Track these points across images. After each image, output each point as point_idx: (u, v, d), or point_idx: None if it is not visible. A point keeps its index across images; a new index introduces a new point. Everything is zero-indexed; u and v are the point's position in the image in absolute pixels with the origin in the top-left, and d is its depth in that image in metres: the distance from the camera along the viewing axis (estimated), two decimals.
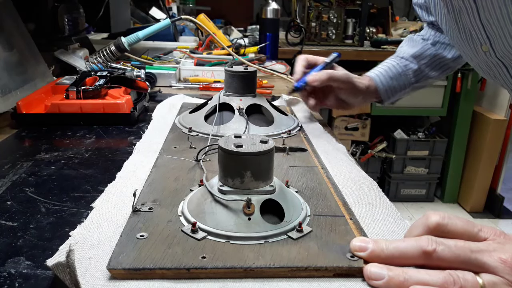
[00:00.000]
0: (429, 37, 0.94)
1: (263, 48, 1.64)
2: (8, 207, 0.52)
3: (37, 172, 0.62)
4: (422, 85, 0.96)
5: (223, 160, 0.44)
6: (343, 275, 0.39)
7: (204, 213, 0.44)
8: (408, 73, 0.93)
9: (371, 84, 0.91)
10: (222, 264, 0.38)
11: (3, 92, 0.88)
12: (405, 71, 0.92)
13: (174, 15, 2.24)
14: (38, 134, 0.79)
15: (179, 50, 1.47)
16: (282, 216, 0.44)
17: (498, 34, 0.65)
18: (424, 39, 0.95)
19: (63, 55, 1.21)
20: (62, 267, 0.37)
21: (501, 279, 0.35)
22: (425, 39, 0.95)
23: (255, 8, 3.89)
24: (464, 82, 2.46)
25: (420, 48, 0.94)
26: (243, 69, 0.79)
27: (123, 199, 0.50)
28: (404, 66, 0.93)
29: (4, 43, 0.95)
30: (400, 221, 0.49)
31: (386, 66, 0.93)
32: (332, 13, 2.29)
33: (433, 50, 0.94)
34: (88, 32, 1.73)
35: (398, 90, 0.93)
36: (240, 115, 0.75)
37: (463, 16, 0.69)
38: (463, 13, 0.69)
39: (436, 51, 0.94)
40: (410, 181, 2.70)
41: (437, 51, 0.94)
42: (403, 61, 0.93)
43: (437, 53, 0.93)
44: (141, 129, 0.81)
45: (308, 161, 0.65)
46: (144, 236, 0.42)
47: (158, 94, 1.09)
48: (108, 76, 0.92)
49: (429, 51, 0.93)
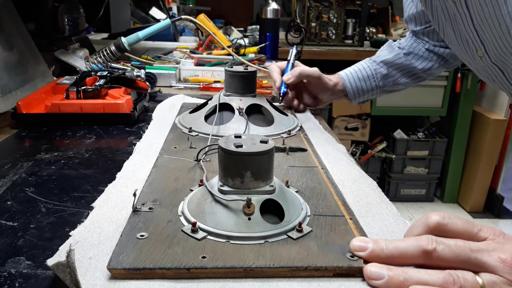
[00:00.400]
0: (405, 47, 0.99)
1: (263, 48, 1.65)
2: (9, 207, 0.52)
3: (37, 172, 0.62)
4: (391, 89, 1.01)
5: (223, 160, 0.45)
6: (343, 275, 0.39)
7: (204, 213, 0.44)
8: (377, 77, 0.98)
9: (340, 82, 0.97)
10: (222, 264, 0.38)
11: (3, 92, 0.88)
12: (374, 74, 0.98)
13: (174, 15, 2.24)
14: (38, 134, 0.79)
15: (179, 50, 1.47)
16: (282, 216, 0.44)
17: (491, 39, 0.67)
18: (400, 48, 1.00)
19: (63, 55, 1.21)
20: (62, 267, 0.38)
21: (500, 278, 0.35)
22: (400, 47, 1.00)
23: (255, 8, 3.89)
24: (464, 82, 2.46)
25: (393, 56, 0.99)
26: (243, 69, 0.79)
27: (123, 199, 0.50)
28: (374, 70, 0.98)
29: (4, 43, 0.95)
30: (400, 221, 0.49)
31: (357, 68, 0.99)
32: (332, 13, 2.29)
33: (404, 60, 0.98)
34: (88, 32, 1.73)
35: (366, 92, 0.99)
36: (240, 115, 0.75)
37: (458, 23, 0.71)
38: (457, 19, 0.70)
39: (407, 60, 0.98)
40: (410, 181, 2.70)
41: (409, 61, 0.98)
42: (374, 65, 0.99)
43: (408, 63, 0.98)
44: (141, 129, 0.81)
45: (308, 161, 0.65)
46: (144, 236, 0.42)
47: (158, 94, 1.09)
48: (108, 76, 0.92)
49: (400, 60, 0.98)
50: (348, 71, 0.99)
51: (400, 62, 0.98)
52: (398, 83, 0.99)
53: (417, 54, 0.98)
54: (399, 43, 1.01)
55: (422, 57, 0.98)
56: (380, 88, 0.99)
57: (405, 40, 1.01)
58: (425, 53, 0.98)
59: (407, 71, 0.99)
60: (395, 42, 1.02)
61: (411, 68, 0.98)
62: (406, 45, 0.99)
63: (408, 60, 0.98)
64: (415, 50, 0.98)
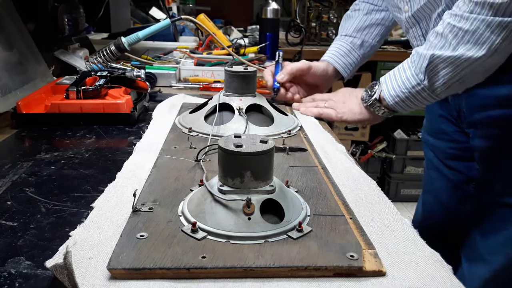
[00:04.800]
0: (363, 8, 1.05)
1: (263, 48, 1.64)
2: (8, 207, 0.52)
3: (37, 172, 0.62)
4: (370, 53, 1.07)
5: (223, 160, 0.45)
6: (343, 274, 0.39)
7: (204, 213, 0.44)
8: (355, 47, 1.04)
9: (328, 67, 1.03)
10: (222, 264, 0.38)
11: (3, 92, 0.88)
12: (352, 46, 1.04)
13: (174, 15, 2.24)
14: (38, 134, 0.79)
15: (179, 50, 1.47)
16: (282, 216, 0.44)
17: None
18: (357, 10, 1.06)
19: (63, 55, 1.21)
20: (60, 268, 0.37)
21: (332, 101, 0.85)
22: (357, 9, 1.06)
23: (255, 8, 3.89)
24: None
25: (357, 22, 1.05)
26: (243, 69, 0.79)
27: (123, 199, 0.50)
28: (350, 43, 1.04)
29: (4, 43, 0.95)
30: (400, 220, 0.49)
31: (335, 48, 1.05)
32: (332, 13, 2.29)
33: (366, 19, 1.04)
34: (88, 32, 1.73)
35: (353, 64, 1.05)
36: (240, 115, 0.75)
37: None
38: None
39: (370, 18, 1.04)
40: (410, 181, 2.70)
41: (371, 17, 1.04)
42: (347, 38, 1.05)
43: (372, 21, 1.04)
44: (141, 129, 0.81)
45: (308, 161, 0.65)
46: (144, 236, 0.42)
47: (158, 94, 1.09)
48: (108, 76, 0.92)
49: (366, 23, 1.04)
50: (330, 53, 1.05)
51: (367, 24, 1.03)
52: (373, 44, 1.05)
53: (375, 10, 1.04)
54: (353, 9, 1.06)
55: (380, 10, 1.03)
56: (361, 56, 1.05)
57: (358, 3, 1.06)
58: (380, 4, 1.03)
59: (374, 28, 1.04)
60: (349, 11, 1.08)
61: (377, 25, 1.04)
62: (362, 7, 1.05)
63: (369, 18, 1.03)
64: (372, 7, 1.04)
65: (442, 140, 0.95)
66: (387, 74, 0.79)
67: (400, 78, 0.75)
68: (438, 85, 0.71)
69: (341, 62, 1.03)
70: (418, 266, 0.41)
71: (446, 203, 0.98)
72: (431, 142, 1.00)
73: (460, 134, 0.90)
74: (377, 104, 0.80)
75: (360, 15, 1.04)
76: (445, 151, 0.95)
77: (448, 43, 0.67)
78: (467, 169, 0.90)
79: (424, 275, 0.40)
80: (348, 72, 1.05)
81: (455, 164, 0.94)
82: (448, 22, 0.68)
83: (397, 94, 0.76)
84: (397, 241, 0.45)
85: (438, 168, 0.98)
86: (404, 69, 0.75)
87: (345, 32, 1.05)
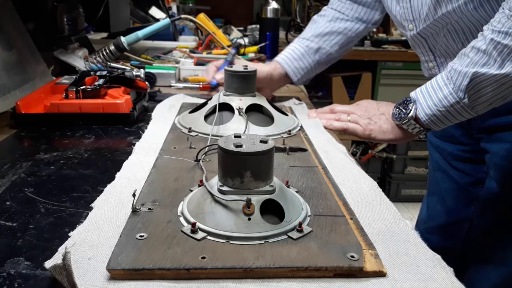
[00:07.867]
0: (328, 14, 1.02)
1: (263, 48, 1.64)
2: (8, 207, 0.51)
3: (36, 172, 0.62)
4: (327, 60, 1.03)
5: (223, 160, 0.44)
6: (343, 275, 0.39)
7: (204, 213, 0.44)
8: (310, 52, 1.00)
9: (275, 71, 1.00)
10: (222, 264, 0.38)
11: (2, 92, 0.88)
12: (307, 51, 1.00)
13: (173, 15, 2.23)
14: (37, 134, 0.78)
15: (178, 49, 1.46)
16: (282, 216, 0.44)
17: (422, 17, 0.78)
18: (322, 16, 1.03)
19: (63, 54, 1.20)
20: (59, 269, 0.37)
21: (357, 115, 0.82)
22: (322, 15, 1.03)
23: (255, 8, 3.88)
24: None
25: (319, 27, 1.01)
26: (243, 69, 0.79)
27: (123, 199, 0.50)
28: (306, 46, 1.00)
29: (4, 42, 0.95)
30: (401, 221, 0.49)
31: (290, 49, 1.01)
32: None
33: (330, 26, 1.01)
34: (87, 32, 1.72)
35: (305, 69, 1.01)
36: (240, 115, 0.75)
37: None
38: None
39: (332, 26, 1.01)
40: (411, 181, 2.69)
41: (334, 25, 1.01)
42: (304, 41, 1.01)
43: (333, 28, 1.00)
44: (141, 129, 0.81)
45: (308, 161, 0.65)
46: (144, 236, 0.42)
47: (157, 94, 1.09)
48: (108, 76, 0.92)
49: (327, 29, 1.01)
50: (283, 54, 1.02)
51: (327, 30, 1.00)
52: (330, 52, 1.02)
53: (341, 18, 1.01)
54: (320, 14, 1.03)
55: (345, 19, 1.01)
56: (316, 61, 1.01)
57: (326, 10, 1.03)
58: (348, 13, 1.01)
59: (334, 36, 1.01)
60: (316, 16, 1.04)
61: (338, 33, 1.01)
62: (328, 13, 1.02)
63: (332, 24, 1.01)
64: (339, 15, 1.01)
65: (450, 142, 0.94)
66: (419, 90, 0.74)
67: (437, 96, 0.71)
68: (480, 102, 0.67)
69: (292, 66, 1.00)
70: (419, 268, 0.41)
71: (452, 204, 0.97)
72: (438, 144, 0.99)
73: (468, 138, 0.89)
74: (412, 123, 0.75)
75: (323, 21, 1.01)
76: (452, 153, 0.94)
77: (492, 60, 0.64)
78: (475, 171, 0.89)
79: (425, 277, 0.39)
80: (299, 77, 1.01)
81: (462, 166, 0.93)
82: (491, 38, 0.64)
83: (434, 113, 0.71)
84: (398, 243, 0.44)
85: (445, 169, 0.97)
86: (440, 86, 0.71)
87: (303, 35, 1.02)
